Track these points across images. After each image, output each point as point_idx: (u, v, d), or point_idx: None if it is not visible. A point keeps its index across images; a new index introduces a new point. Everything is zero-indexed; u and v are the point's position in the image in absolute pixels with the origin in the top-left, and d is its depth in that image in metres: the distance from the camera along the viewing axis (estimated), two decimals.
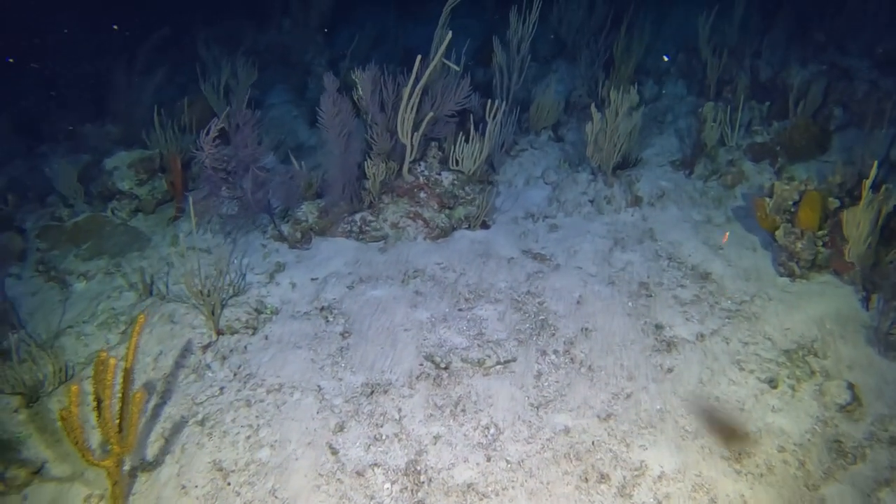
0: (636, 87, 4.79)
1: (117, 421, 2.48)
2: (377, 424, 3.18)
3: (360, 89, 4.13)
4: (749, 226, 4.56)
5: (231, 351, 3.77)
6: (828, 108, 5.52)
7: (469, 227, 4.61)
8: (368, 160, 4.28)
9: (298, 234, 4.62)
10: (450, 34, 3.83)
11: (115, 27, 7.89)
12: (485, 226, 4.65)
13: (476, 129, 4.60)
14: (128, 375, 2.48)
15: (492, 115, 4.47)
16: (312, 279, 4.35)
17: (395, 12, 10.00)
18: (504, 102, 5.42)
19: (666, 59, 6.76)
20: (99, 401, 2.30)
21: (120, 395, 2.49)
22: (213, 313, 3.85)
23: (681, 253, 4.33)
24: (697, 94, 6.75)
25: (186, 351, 3.74)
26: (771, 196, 4.02)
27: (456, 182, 4.52)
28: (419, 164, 4.54)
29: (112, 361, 2.30)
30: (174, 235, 4.90)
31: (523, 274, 4.18)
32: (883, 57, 6.45)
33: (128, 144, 6.03)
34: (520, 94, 5.94)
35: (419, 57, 3.90)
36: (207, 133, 3.70)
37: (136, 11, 8.51)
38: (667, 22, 8.52)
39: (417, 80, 4.05)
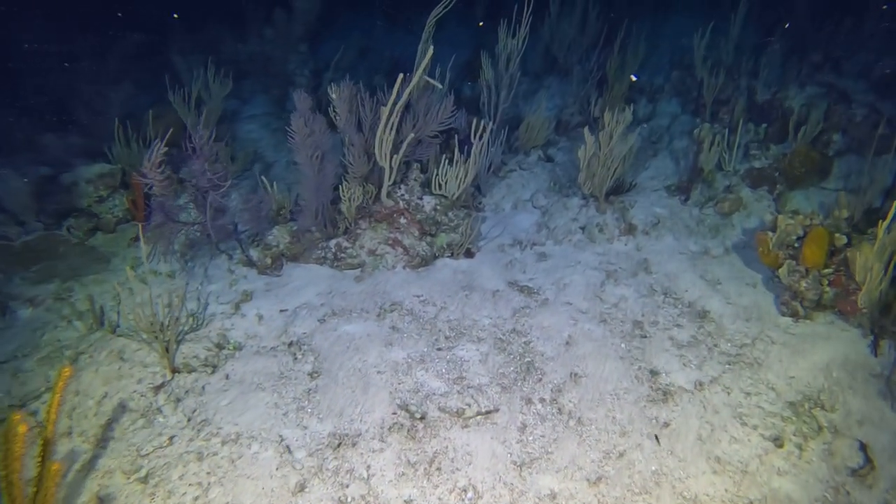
0: (632, 106, 4.52)
1: (32, 491, 2.13)
2: (343, 484, 2.85)
3: (333, 110, 3.81)
4: (748, 258, 4.31)
5: (186, 392, 3.43)
6: (827, 132, 5.31)
7: (452, 256, 4.30)
8: (344, 184, 3.96)
9: (269, 260, 4.29)
10: (431, 50, 3.53)
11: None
12: (469, 254, 4.35)
13: (461, 150, 4.32)
14: (47, 443, 2.14)
15: (478, 135, 4.18)
16: (281, 310, 4.02)
17: (383, 22, 9.74)
18: (492, 121, 5.16)
19: (634, 78, 6.48)
20: (7, 474, 1.96)
21: (38, 462, 2.14)
22: (167, 350, 3.50)
23: (677, 287, 4.06)
24: (692, 112, 6.54)
25: (135, 392, 3.38)
26: (773, 230, 3.76)
27: (438, 207, 4.22)
28: (399, 188, 4.23)
29: (22, 430, 1.96)
30: (134, 258, 4.55)
31: (509, 309, 3.88)
32: (880, 79, 6.28)
33: (93, 157, 5.67)
34: (509, 112, 5.68)
35: (401, 75, 3.60)
36: (150, 158, 3.35)
37: (113, 16, 8.16)
38: (660, 37, 8.34)
39: (397, 98, 3.75)
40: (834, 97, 5.64)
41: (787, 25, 6.56)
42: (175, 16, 7.63)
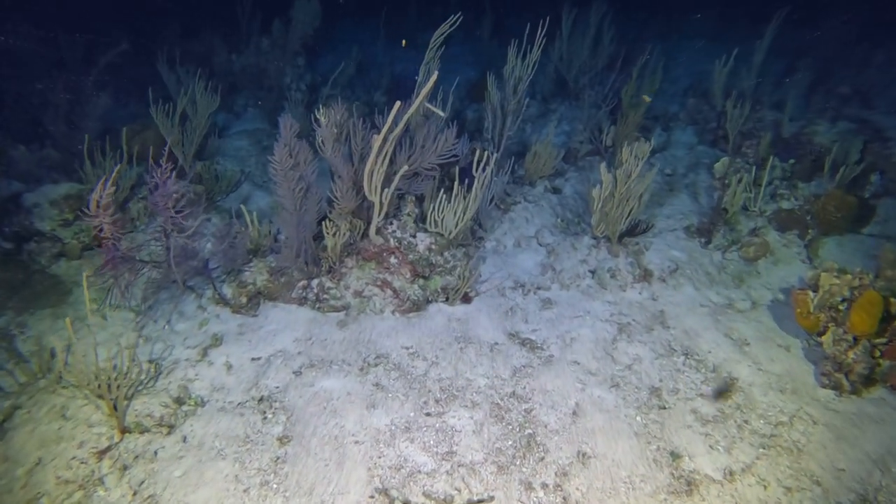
0: (651, 141, 4.10)
1: None
2: None
3: (319, 137, 3.38)
4: (778, 314, 3.85)
5: (136, 458, 2.97)
6: (863, 173, 4.87)
7: (447, 301, 3.85)
8: (327, 221, 3.53)
9: (244, 299, 3.85)
10: (435, 76, 3.11)
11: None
12: (466, 298, 3.90)
13: (461, 180, 3.89)
14: None
15: (481, 167, 3.74)
16: (253, 359, 3.57)
17: (385, 35, 9.37)
18: (496, 149, 4.74)
19: (649, 99, 6.01)
20: None
21: None
22: (115, 408, 3.05)
23: (699, 347, 3.60)
24: (710, 143, 6.12)
25: (75, 459, 2.92)
26: (813, 288, 3.31)
27: (434, 247, 3.78)
28: (391, 223, 3.80)
29: None
30: (98, 290, 4.11)
31: (508, 368, 3.42)
32: None
33: (68, 173, 5.27)
34: (514, 137, 5.27)
35: (398, 103, 3.17)
36: (96, 197, 2.91)
37: (103, 24, 7.81)
38: (672, 61, 7.97)
39: (393, 127, 3.32)
40: (868, 134, 5.21)
41: None
42: None
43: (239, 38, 7.75)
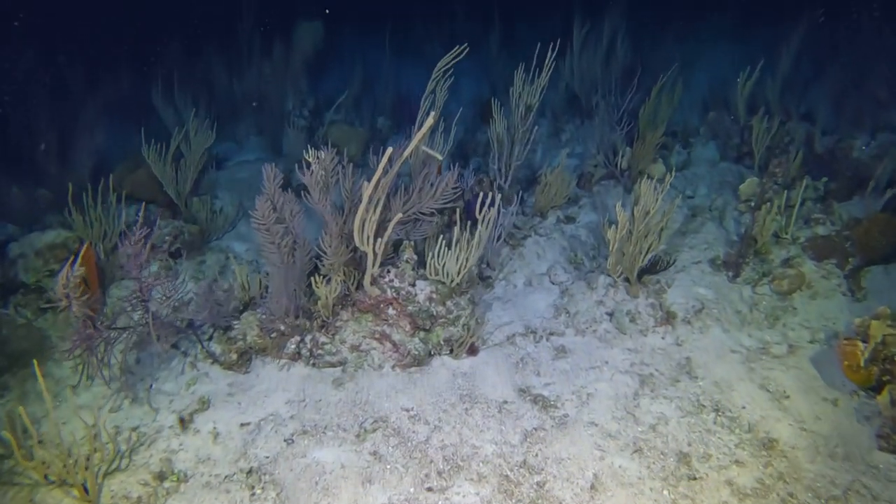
0: (672, 172, 3.75)
1: None
2: None
3: (306, 189, 3.10)
4: (820, 358, 3.46)
5: None
6: None
7: (451, 353, 3.54)
8: (317, 276, 3.25)
9: (234, 356, 3.59)
10: (431, 119, 2.80)
11: None
12: (472, 350, 3.58)
13: (464, 222, 3.58)
14: None
15: (486, 207, 3.42)
16: (242, 424, 3.30)
17: (390, 50, 9.11)
18: (504, 181, 4.43)
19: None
20: None
21: None
22: (86, 490, 2.80)
23: (731, 402, 3.23)
24: (734, 160, 5.73)
25: None
26: (864, 339, 2.93)
27: (435, 296, 3.47)
28: (388, 271, 3.50)
29: None
30: (73, 366, 3.88)
31: (518, 432, 3.09)
32: None
33: (62, 214, 5.10)
34: (524, 161, 4.93)
35: (390, 149, 2.87)
36: (63, 278, 2.67)
37: (104, 49, 7.70)
38: (689, 68, 7.55)
39: (385, 171, 3.03)
40: None
41: None
42: None
43: (240, 58, 7.56)
